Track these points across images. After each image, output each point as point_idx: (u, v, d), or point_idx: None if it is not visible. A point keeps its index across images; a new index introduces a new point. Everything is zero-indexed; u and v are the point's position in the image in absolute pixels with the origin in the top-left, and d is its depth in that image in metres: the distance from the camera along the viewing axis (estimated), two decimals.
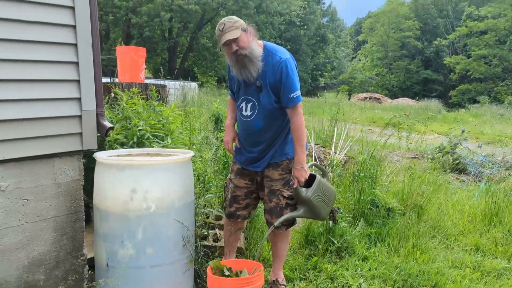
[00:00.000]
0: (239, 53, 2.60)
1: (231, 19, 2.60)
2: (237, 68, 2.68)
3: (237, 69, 2.68)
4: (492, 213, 4.60)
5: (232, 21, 2.59)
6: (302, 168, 2.74)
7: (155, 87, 4.56)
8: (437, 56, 45.50)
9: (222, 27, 2.57)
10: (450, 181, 6.74)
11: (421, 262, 3.49)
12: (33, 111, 2.51)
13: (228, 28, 2.56)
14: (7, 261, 2.46)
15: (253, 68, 2.63)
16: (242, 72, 2.67)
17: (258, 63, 2.64)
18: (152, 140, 3.44)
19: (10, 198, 2.45)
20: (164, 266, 2.59)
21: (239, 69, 2.67)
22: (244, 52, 2.60)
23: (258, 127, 2.78)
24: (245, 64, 2.63)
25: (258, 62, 2.64)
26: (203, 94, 14.82)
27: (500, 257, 3.85)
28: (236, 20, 2.60)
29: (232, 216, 3.00)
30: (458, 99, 38.36)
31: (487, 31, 38.42)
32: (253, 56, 2.62)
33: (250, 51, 2.61)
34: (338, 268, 3.36)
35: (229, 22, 2.58)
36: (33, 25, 2.46)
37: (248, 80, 2.71)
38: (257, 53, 2.65)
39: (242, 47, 2.59)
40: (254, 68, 2.64)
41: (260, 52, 2.67)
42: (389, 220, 4.08)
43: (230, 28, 2.56)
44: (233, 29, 2.56)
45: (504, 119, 21.39)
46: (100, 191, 2.61)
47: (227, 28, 2.56)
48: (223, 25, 2.57)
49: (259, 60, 2.64)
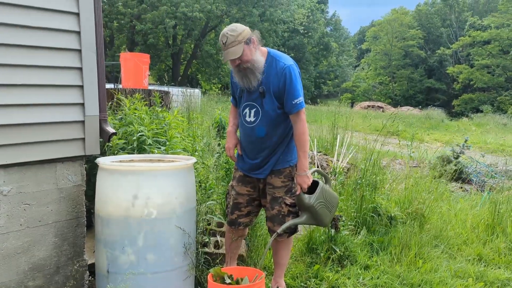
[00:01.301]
0: (241, 66, 2.65)
1: (233, 31, 2.59)
2: (239, 76, 2.73)
3: (239, 78, 2.74)
4: (495, 223, 4.57)
5: (234, 34, 2.57)
6: (305, 175, 2.74)
7: (159, 93, 4.58)
8: (440, 65, 45.53)
9: (225, 41, 2.58)
10: (453, 190, 6.71)
11: (424, 271, 3.47)
12: (36, 116, 2.52)
13: (231, 44, 2.57)
14: (8, 266, 2.45)
15: (253, 79, 2.68)
16: (243, 80, 2.72)
17: (259, 75, 2.69)
18: (153, 146, 3.44)
19: (12, 202, 2.45)
20: (165, 273, 2.58)
21: (240, 78, 2.73)
22: (246, 66, 2.64)
23: (261, 133, 2.78)
24: (246, 74, 2.68)
25: (259, 74, 2.68)
26: (207, 101, 14.85)
27: (503, 267, 3.82)
28: (239, 33, 2.58)
29: (234, 224, 2.99)
30: (461, 108, 38.29)
31: (490, 40, 38.45)
32: (255, 68, 2.66)
33: (252, 64, 2.65)
34: (340, 277, 3.33)
35: (232, 36, 2.57)
36: (38, 30, 2.48)
37: (248, 88, 2.75)
38: (259, 65, 2.68)
39: (244, 61, 2.63)
40: (255, 79, 2.69)
41: (262, 63, 2.70)
42: (391, 229, 4.06)
43: (232, 43, 2.57)
44: (236, 45, 2.57)
45: (508, 129, 21.31)
46: (102, 196, 2.61)
47: (229, 44, 2.57)
48: (226, 39, 2.58)
49: (260, 72, 2.69)
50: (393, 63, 47.46)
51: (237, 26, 2.64)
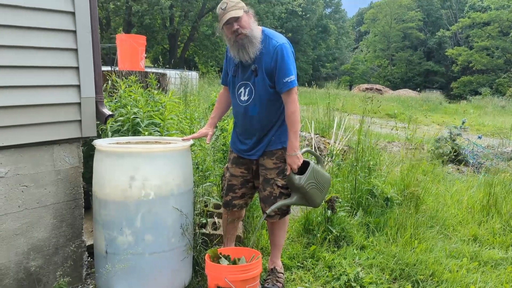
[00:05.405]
0: (240, 32, 2.61)
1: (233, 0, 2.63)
2: (235, 48, 2.68)
3: (235, 50, 2.69)
4: (491, 204, 4.61)
5: (234, 1, 2.62)
6: (295, 155, 2.73)
7: (155, 75, 4.55)
8: (440, 47, 45.32)
9: (225, 6, 2.60)
10: (449, 171, 6.75)
11: (419, 251, 3.51)
12: (32, 98, 2.51)
13: (231, 7, 2.59)
14: (7, 247, 2.48)
15: (251, 49, 2.65)
16: (239, 52, 2.67)
17: (257, 44, 2.65)
18: (148, 128, 3.44)
19: (10, 184, 2.46)
20: (162, 253, 2.61)
21: (237, 50, 2.68)
22: (244, 32, 2.61)
23: (253, 112, 2.77)
24: (244, 44, 2.64)
25: (257, 43, 2.65)
26: (204, 83, 14.79)
27: (497, 247, 3.87)
28: (238, 1, 2.63)
29: (228, 205, 3.01)
30: (459, 90, 38.27)
31: (490, 22, 38.22)
32: (253, 37, 2.64)
33: (250, 32, 2.63)
34: (336, 257, 3.38)
35: (232, 2, 2.61)
36: (32, 11, 2.46)
37: (245, 61, 2.71)
38: (257, 34, 2.67)
39: (243, 27, 2.61)
40: (253, 49, 2.65)
41: (259, 33, 2.69)
42: (387, 210, 4.10)
43: (232, 7, 2.59)
44: (236, 9, 2.59)
45: (506, 111, 21.33)
46: (99, 178, 2.62)
47: (229, 7, 2.59)
48: (226, 4, 2.60)
49: (258, 41, 2.66)
50: (392, 45, 47.20)
51: None
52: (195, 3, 32.81)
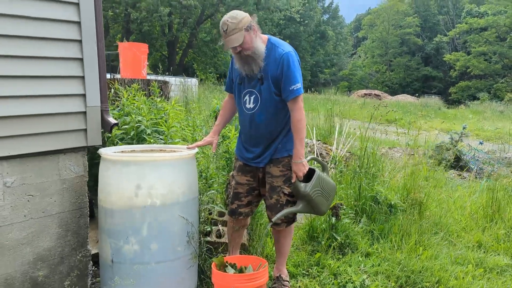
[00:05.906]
0: (243, 53, 2.64)
1: (234, 18, 2.57)
2: (240, 63, 2.72)
3: (240, 65, 2.73)
4: (494, 210, 4.61)
5: (235, 21, 2.55)
6: (300, 163, 2.73)
7: (158, 83, 4.56)
8: (437, 53, 45.50)
9: (226, 28, 2.56)
10: (451, 177, 6.75)
11: (424, 258, 3.50)
12: (38, 108, 2.50)
13: (232, 31, 2.55)
14: (13, 257, 2.46)
15: (255, 65, 2.68)
16: (244, 67, 2.71)
17: (260, 62, 2.67)
18: (152, 136, 3.44)
19: (16, 194, 2.45)
20: (169, 262, 2.60)
21: (241, 65, 2.72)
22: (247, 53, 2.64)
23: (260, 120, 2.78)
24: (248, 61, 2.67)
25: (260, 61, 2.67)
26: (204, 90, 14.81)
27: (502, 253, 3.86)
28: (239, 20, 2.56)
29: (234, 214, 3.00)
30: (458, 96, 38.39)
31: (487, 27, 38.43)
32: (256, 56, 2.65)
33: (253, 51, 2.64)
34: (341, 264, 3.37)
35: (232, 24, 2.55)
36: (38, 21, 2.46)
37: (250, 74, 2.74)
38: (260, 51, 2.67)
39: (245, 49, 2.62)
40: (256, 66, 2.68)
41: (263, 49, 2.69)
42: (391, 217, 4.09)
43: (233, 31, 2.55)
44: (237, 32, 2.55)
45: (504, 116, 21.38)
46: (105, 187, 2.61)
47: (230, 31, 2.55)
48: (227, 27, 2.56)
49: (261, 59, 2.67)
50: (390, 51, 47.38)
51: (237, 13, 2.62)
52: (194, 10, 32.88)
